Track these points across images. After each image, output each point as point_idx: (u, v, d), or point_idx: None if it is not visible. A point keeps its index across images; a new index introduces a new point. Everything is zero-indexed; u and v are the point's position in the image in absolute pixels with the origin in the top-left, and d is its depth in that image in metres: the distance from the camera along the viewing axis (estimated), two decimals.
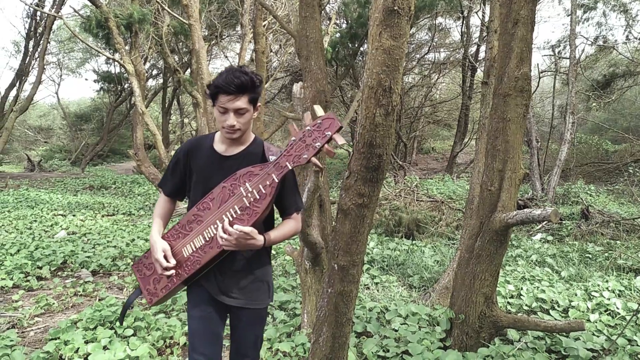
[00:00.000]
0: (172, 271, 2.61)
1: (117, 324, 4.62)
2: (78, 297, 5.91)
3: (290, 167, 2.40)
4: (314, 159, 2.38)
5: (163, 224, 2.83)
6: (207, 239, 2.53)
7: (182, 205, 11.24)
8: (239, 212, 2.46)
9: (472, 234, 4.29)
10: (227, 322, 2.79)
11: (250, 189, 2.45)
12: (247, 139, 2.66)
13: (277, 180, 2.42)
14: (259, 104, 2.58)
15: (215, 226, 2.50)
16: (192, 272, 2.57)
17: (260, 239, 2.48)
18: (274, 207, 2.67)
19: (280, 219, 2.74)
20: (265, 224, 2.62)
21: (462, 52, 23.19)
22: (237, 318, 2.72)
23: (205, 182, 2.63)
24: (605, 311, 5.39)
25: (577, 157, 20.44)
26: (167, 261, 2.60)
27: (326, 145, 2.34)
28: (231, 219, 2.46)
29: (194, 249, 2.56)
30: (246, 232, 2.40)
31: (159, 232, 2.74)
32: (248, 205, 2.45)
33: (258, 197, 2.44)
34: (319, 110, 2.38)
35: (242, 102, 2.46)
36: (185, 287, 2.74)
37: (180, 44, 24.14)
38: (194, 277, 2.61)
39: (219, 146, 2.66)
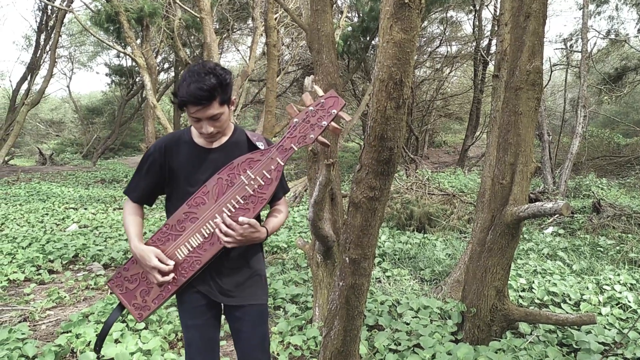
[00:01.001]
0: (170, 277, 2.41)
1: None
2: (90, 290, 5.95)
3: (295, 149, 2.32)
4: (320, 138, 2.31)
5: (140, 230, 2.55)
6: (207, 235, 2.38)
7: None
8: (242, 202, 2.35)
9: (483, 228, 4.27)
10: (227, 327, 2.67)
11: (252, 176, 2.34)
12: (228, 130, 2.54)
13: (282, 164, 2.34)
14: (233, 97, 2.43)
15: (215, 220, 2.36)
16: (190, 274, 2.40)
17: (263, 231, 2.40)
18: None
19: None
20: None
21: (474, 46, 23.09)
22: (237, 321, 2.57)
23: (189, 178, 2.47)
24: (617, 304, 5.37)
25: (589, 151, 20.33)
26: (166, 266, 2.40)
27: (332, 124, 2.29)
28: (234, 210, 2.35)
29: (191, 249, 2.40)
30: (252, 224, 2.30)
31: (139, 239, 2.48)
32: (252, 193, 2.34)
33: (263, 183, 2.34)
34: (319, 90, 2.33)
35: (214, 109, 2.30)
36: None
37: (192, 37, 24.20)
38: (190, 280, 2.44)
39: (200, 140, 2.50)
